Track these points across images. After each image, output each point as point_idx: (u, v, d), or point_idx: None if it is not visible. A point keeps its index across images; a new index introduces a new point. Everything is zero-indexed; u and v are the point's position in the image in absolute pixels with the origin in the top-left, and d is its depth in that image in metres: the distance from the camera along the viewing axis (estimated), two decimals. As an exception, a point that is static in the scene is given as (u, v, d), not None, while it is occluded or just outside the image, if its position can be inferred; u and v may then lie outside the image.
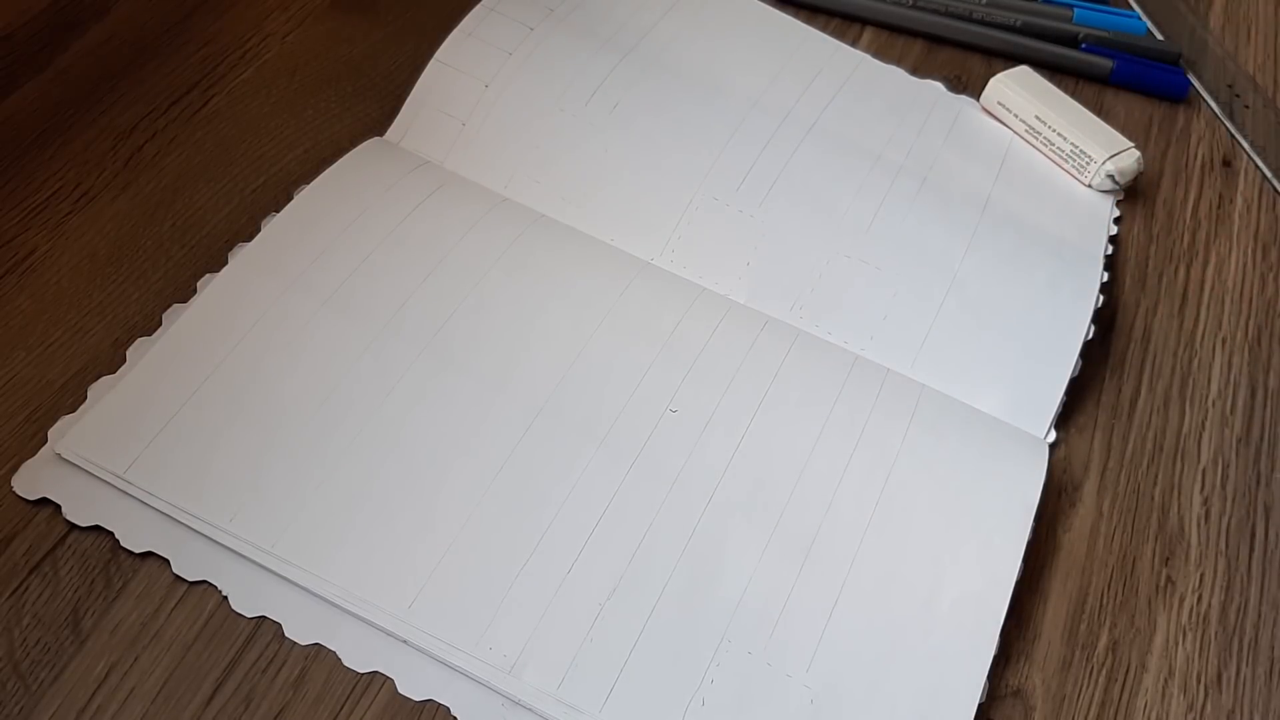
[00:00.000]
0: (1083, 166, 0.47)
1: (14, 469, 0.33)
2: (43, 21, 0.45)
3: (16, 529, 0.32)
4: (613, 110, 0.45)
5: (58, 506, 0.32)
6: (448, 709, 0.30)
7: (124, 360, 0.36)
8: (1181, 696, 0.33)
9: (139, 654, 0.30)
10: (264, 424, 0.34)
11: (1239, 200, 0.49)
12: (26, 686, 0.30)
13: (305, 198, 0.40)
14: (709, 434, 0.36)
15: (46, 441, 0.33)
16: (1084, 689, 0.34)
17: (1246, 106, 0.53)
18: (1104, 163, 0.46)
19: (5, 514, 0.32)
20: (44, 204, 0.40)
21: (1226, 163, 0.51)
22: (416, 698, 0.31)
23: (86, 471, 0.33)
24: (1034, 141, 0.48)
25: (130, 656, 0.30)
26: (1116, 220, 0.46)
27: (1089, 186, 0.47)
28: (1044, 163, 0.48)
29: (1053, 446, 0.37)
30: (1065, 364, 0.39)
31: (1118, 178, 0.47)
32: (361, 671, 0.31)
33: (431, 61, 0.43)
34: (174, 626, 0.31)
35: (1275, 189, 0.50)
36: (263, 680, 0.30)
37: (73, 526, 0.32)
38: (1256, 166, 0.51)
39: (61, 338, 0.36)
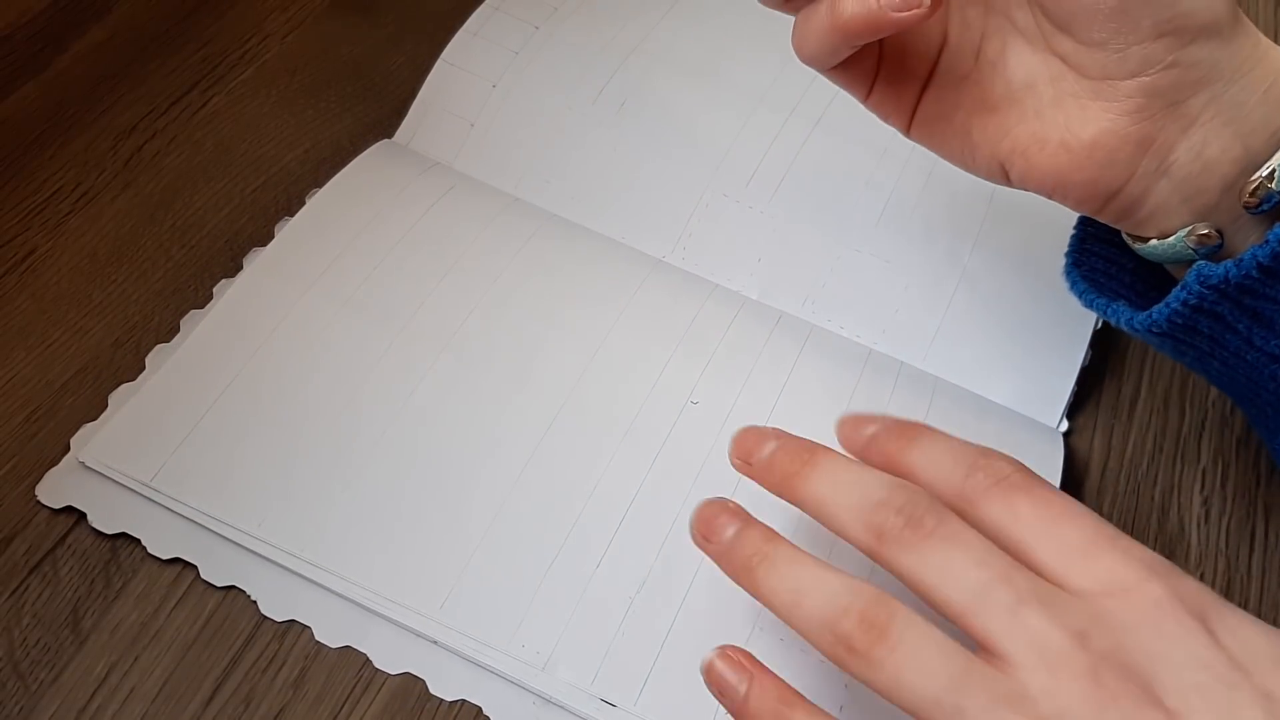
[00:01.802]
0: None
1: (14, 468, 0.33)
2: (43, 22, 0.45)
3: (16, 529, 0.32)
4: (620, 108, 0.45)
5: (58, 509, 0.32)
6: (480, 708, 0.31)
7: (128, 361, 0.36)
8: (1182, 697, 0.33)
9: (139, 654, 0.30)
10: (287, 428, 0.34)
11: (1239, 201, 0.49)
12: (26, 686, 0.30)
13: (319, 201, 0.40)
14: (730, 426, 0.36)
15: (69, 450, 0.33)
16: (1084, 689, 0.34)
17: (1246, 107, 0.53)
18: None
19: (5, 514, 0.32)
20: (44, 204, 0.40)
21: (1226, 163, 0.50)
22: (449, 698, 0.31)
23: (111, 479, 0.33)
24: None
25: (130, 656, 0.30)
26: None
27: None
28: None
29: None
30: (1076, 353, 0.39)
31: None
32: (393, 673, 0.31)
33: (439, 62, 0.43)
34: (174, 626, 0.31)
35: (1275, 189, 0.50)
36: (263, 680, 0.30)
37: (72, 526, 0.32)
38: (1256, 167, 0.51)
39: (61, 338, 0.36)
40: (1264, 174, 0.28)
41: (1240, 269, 0.27)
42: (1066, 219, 0.45)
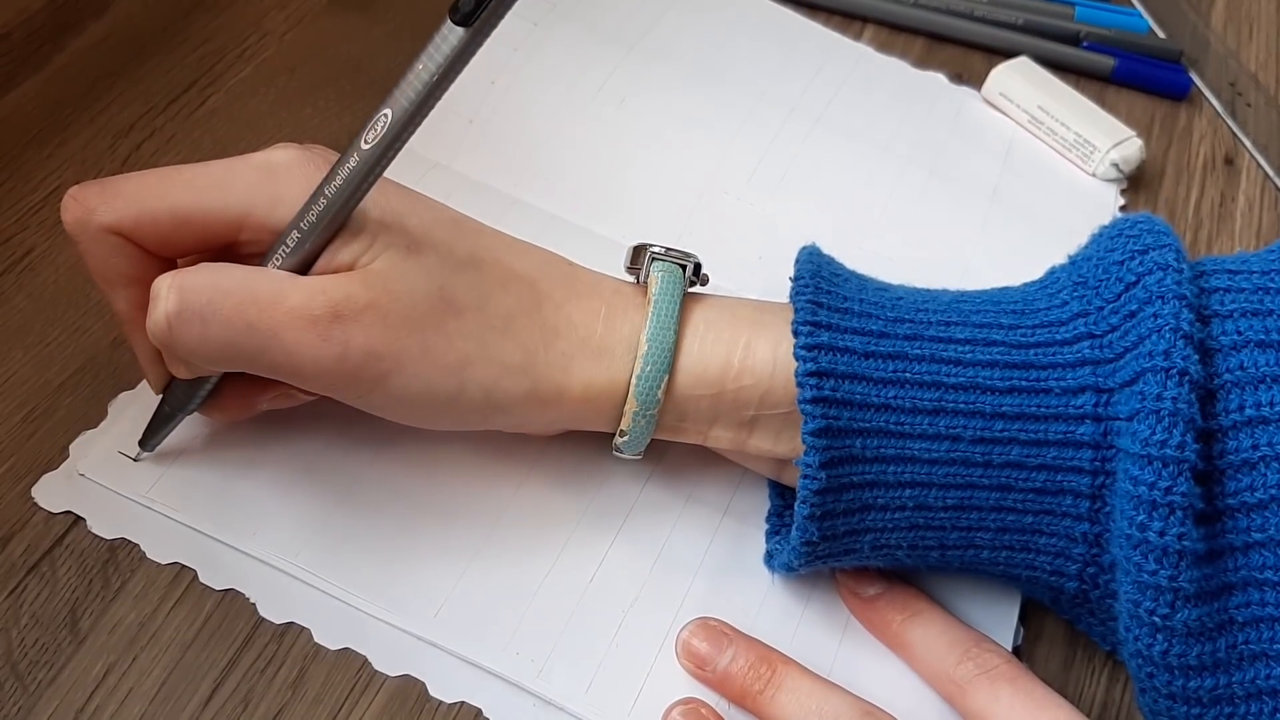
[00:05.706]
0: (1087, 156, 0.47)
1: (11, 468, 0.33)
2: (41, 20, 0.45)
3: (14, 529, 0.32)
4: (620, 105, 0.45)
5: (56, 511, 0.32)
6: (479, 710, 0.31)
7: (127, 360, 0.35)
8: (1184, 697, 0.33)
9: (137, 654, 0.30)
10: (284, 441, 0.34)
11: (1241, 199, 0.49)
12: (24, 687, 0.29)
13: None
14: None
15: (68, 454, 0.33)
16: (1085, 689, 0.34)
17: (1248, 105, 0.53)
18: (1108, 151, 0.46)
19: (3, 514, 0.32)
20: (42, 203, 0.40)
21: (1228, 161, 0.50)
22: (449, 700, 0.31)
23: (109, 488, 0.33)
24: (1037, 132, 0.48)
25: (128, 657, 0.30)
26: (1122, 209, 0.46)
27: (1093, 175, 0.47)
28: (1048, 153, 0.48)
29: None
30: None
31: (1122, 166, 0.47)
32: (392, 675, 0.31)
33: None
34: (172, 627, 0.31)
35: (1277, 187, 0.50)
36: (261, 680, 0.30)
37: (70, 526, 0.32)
38: (1258, 165, 0.50)
39: (59, 337, 0.36)
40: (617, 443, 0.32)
41: (784, 569, 0.32)
42: (1066, 219, 0.45)
